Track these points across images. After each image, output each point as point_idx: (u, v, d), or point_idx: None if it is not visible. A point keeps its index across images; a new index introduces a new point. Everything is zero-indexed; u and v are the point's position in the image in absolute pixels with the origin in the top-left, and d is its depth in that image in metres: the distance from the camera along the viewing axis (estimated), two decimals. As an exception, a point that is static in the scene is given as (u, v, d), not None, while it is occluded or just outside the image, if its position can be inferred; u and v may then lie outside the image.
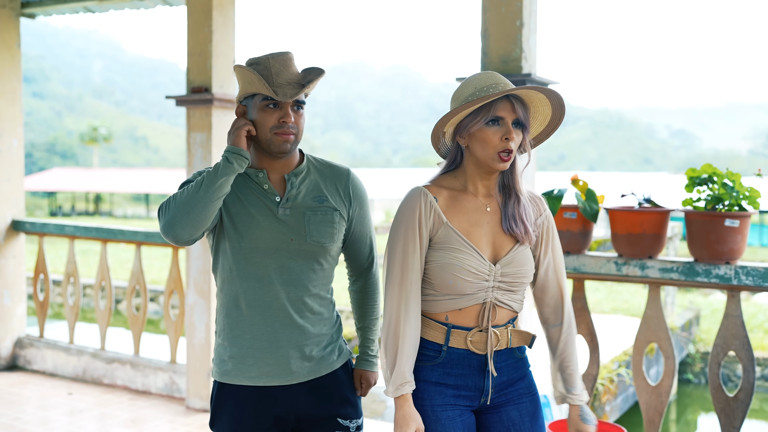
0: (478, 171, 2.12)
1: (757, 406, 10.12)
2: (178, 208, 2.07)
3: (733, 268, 3.51)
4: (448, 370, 2.11)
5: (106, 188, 45.45)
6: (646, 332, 3.85)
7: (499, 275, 2.09)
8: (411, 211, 2.09)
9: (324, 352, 2.25)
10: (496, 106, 2.04)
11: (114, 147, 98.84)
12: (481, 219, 2.13)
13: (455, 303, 2.09)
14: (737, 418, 3.64)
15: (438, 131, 2.15)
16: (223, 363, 2.23)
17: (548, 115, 2.17)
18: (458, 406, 2.12)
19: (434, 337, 2.11)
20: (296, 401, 2.21)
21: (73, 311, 6.05)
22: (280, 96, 2.10)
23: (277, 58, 2.16)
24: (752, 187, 3.54)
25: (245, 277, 2.18)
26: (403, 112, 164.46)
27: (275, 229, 2.17)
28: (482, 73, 2.12)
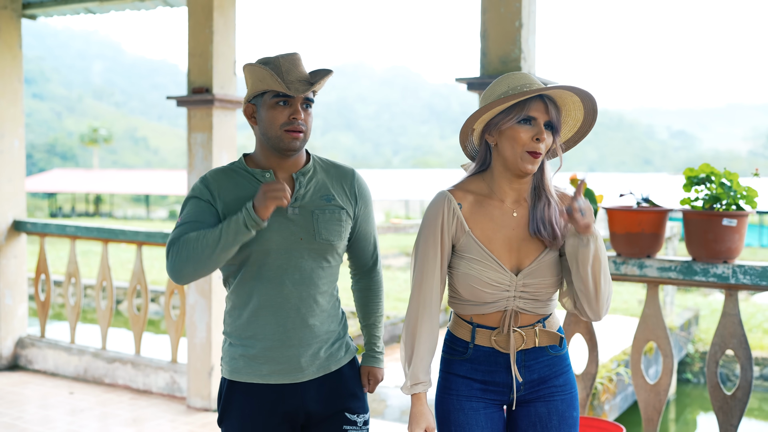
0: (506, 173, 2.10)
1: (755, 406, 10.14)
2: (187, 261, 2.08)
3: (730, 267, 3.54)
4: (476, 366, 2.14)
5: (106, 189, 45.47)
6: (644, 331, 3.87)
7: (521, 286, 2.08)
8: (434, 217, 2.10)
9: (332, 349, 2.29)
10: (530, 105, 2.03)
11: (114, 148, 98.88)
12: (507, 225, 2.10)
13: (477, 309, 2.11)
14: (735, 416, 3.67)
15: (468, 128, 2.14)
16: (234, 361, 2.25)
17: (579, 119, 2.15)
18: (484, 400, 2.15)
19: (462, 335, 2.16)
20: (306, 398, 2.24)
21: (74, 311, 6.08)
22: (292, 91, 2.13)
23: (286, 58, 2.20)
24: (749, 187, 3.56)
25: (257, 279, 2.20)
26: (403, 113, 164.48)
27: (285, 230, 2.19)
28: (516, 73, 2.11)
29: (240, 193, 2.20)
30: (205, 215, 2.17)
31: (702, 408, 10.00)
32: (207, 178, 2.24)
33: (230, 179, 2.23)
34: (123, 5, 6.05)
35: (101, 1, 5.97)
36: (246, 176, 2.24)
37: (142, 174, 50.46)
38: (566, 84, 2.04)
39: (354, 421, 2.31)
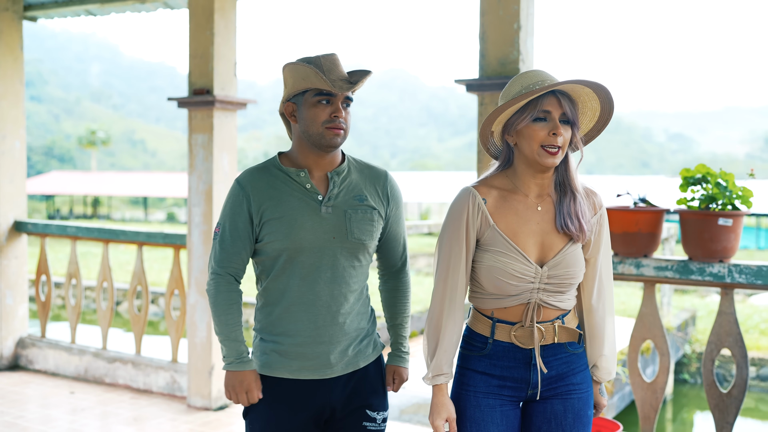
0: (529, 170, 2.12)
1: (752, 406, 10.19)
2: (211, 311, 2.34)
3: (726, 267, 3.58)
4: (494, 361, 2.16)
5: (104, 192, 45.48)
6: (641, 329, 3.91)
7: (546, 278, 2.10)
8: (459, 212, 2.13)
9: (360, 346, 2.33)
10: (542, 102, 2.05)
11: (112, 150, 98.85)
12: (531, 219, 2.13)
13: (500, 302, 2.13)
14: (731, 414, 3.71)
15: (485, 130, 2.17)
16: (265, 356, 2.29)
17: (597, 110, 2.16)
18: (502, 396, 2.16)
19: (481, 330, 2.17)
20: (333, 393, 2.28)
21: (74, 311, 6.11)
22: (337, 88, 2.18)
23: (327, 58, 2.24)
24: (745, 187, 3.60)
25: (290, 276, 2.25)
26: (401, 116, 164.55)
27: (319, 228, 2.24)
28: (530, 71, 2.13)
29: (273, 192, 2.26)
30: (235, 226, 2.28)
31: (699, 408, 10.05)
32: (242, 180, 2.30)
33: (264, 179, 2.28)
34: (123, 7, 6.09)
35: (102, 2, 6.01)
36: (280, 175, 2.29)
37: (140, 176, 50.46)
38: (576, 78, 2.06)
39: (374, 418, 2.35)
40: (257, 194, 2.25)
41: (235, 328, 2.29)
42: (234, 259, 2.28)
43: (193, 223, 5.10)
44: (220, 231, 2.30)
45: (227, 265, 2.29)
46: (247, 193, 2.26)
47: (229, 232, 2.28)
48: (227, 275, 2.29)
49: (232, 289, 2.30)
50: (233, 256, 2.28)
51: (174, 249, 5.53)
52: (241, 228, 2.26)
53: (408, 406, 5.49)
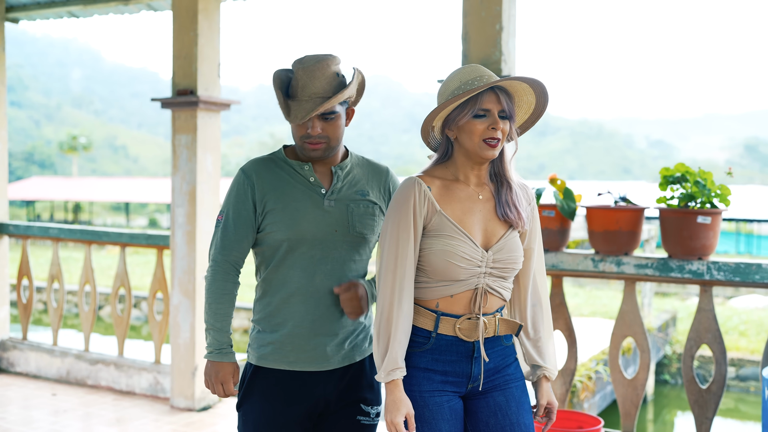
0: (468, 161, 2.18)
1: (732, 406, 10.29)
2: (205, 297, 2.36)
3: (705, 264, 3.63)
4: (436, 356, 2.16)
5: (85, 197, 45.16)
6: (622, 327, 3.96)
7: (491, 261, 2.15)
8: (405, 200, 2.14)
9: (357, 340, 2.35)
10: (482, 98, 2.11)
11: (93, 156, 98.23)
12: (474, 207, 2.19)
13: (448, 289, 2.14)
14: (710, 410, 3.76)
15: (427, 126, 2.22)
16: (262, 348, 2.31)
17: (532, 103, 2.24)
18: (446, 392, 2.17)
19: (424, 324, 2.17)
20: (328, 386, 2.31)
21: (57, 313, 6.08)
22: (291, 118, 2.22)
23: (307, 69, 2.24)
24: (723, 185, 3.66)
25: (290, 267, 2.28)
26: (384, 122, 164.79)
27: (321, 221, 2.27)
28: (466, 67, 2.19)
29: (277, 183, 2.29)
30: (239, 214, 2.30)
31: (679, 408, 10.14)
32: (246, 169, 2.33)
33: (269, 170, 2.32)
34: (106, 9, 6.08)
35: (85, 5, 6.00)
36: (285, 167, 2.32)
37: (121, 182, 50.16)
38: (514, 75, 2.15)
39: (368, 412, 2.37)
40: (261, 183, 2.29)
41: (222, 319, 2.31)
42: (236, 247, 2.31)
43: (176, 223, 5.10)
44: (223, 219, 2.33)
45: (228, 253, 2.31)
46: (252, 182, 2.29)
47: (233, 220, 2.30)
48: (227, 264, 2.32)
49: (229, 279, 2.32)
50: (235, 244, 2.30)
51: (157, 250, 5.52)
52: (245, 216, 2.29)
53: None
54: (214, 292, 2.31)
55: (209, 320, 2.31)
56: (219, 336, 2.30)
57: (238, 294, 2.42)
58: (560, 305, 4.06)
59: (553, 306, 4.05)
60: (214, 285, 2.31)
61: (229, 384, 2.30)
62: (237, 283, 2.35)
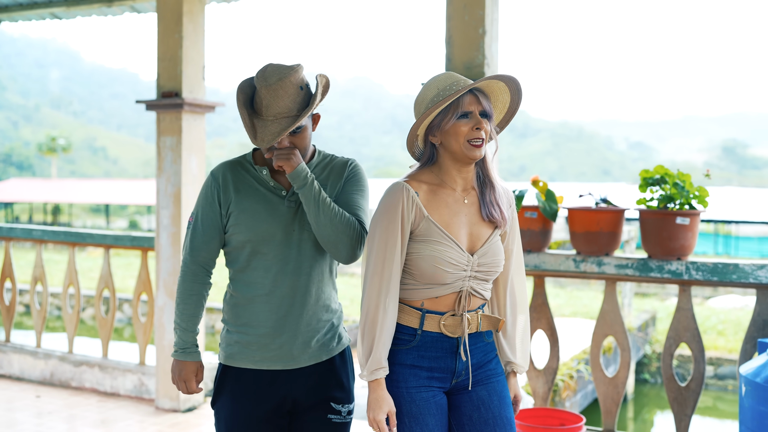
0: (455, 164, 2.24)
1: (710, 404, 10.43)
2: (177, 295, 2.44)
3: (684, 264, 3.71)
4: (422, 353, 2.22)
5: (64, 199, 44.82)
6: (603, 326, 4.03)
7: (476, 265, 2.21)
8: (393, 205, 2.19)
9: (324, 339, 2.38)
10: (463, 101, 2.18)
11: (72, 158, 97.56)
12: (460, 211, 2.24)
13: (433, 291, 2.20)
14: (689, 407, 3.84)
15: (413, 136, 2.28)
16: (230, 347, 2.36)
17: (507, 101, 2.31)
18: (432, 388, 2.23)
19: (409, 322, 2.22)
20: (295, 385, 2.34)
21: (40, 315, 6.06)
22: (258, 142, 2.22)
23: (270, 88, 2.22)
24: (701, 187, 3.74)
25: (254, 268, 2.31)
26: (365, 124, 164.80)
27: (280, 221, 2.30)
28: (441, 75, 2.26)
29: (241, 186, 2.34)
30: (206, 216, 2.37)
31: (659, 407, 10.27)
32: (215, 172, 2.39)
33: (235, 172, 2.37)
34: (90, 10, 6.08)
35: (68, 6, 6.00)
36: (250, 170, 2.37)
37: (101, 183, 49.82)
38: (491, 75, 2.24)
39: (338, 411, 2.39)
40: (226, 186, 2.34)
41: (189, 319, 2.38)
42: (204, 249, 2.37)
43: (161, 225, 5.11)
44: (193, 221, 2.39)
45: (197, 254, 2.37)
46: (218, 185, 2.35)
47: (201, 222, 2.37)
48: (195, 265, 2.38)
49: (197, 281, 2.39)
50: (203, 246, 2.37)
51: (142, 252, 5.53)
52: (212, 218, 2.35)
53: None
54: (182, 293, 2.39)
55: (176, 320, 2.40)
56: (184, 335, 2.38)
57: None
58: (542, 305, 4.13)
59: (535, 306, 4.12)
60: (182, 286, 2.39)
61: (192, 382, 2.39)
62: (207, 284, 2.41)
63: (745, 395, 3.02)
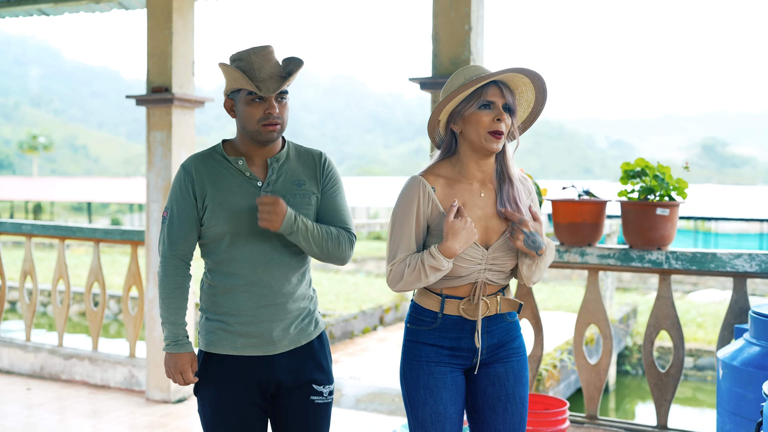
0: (473, 155, 2.30)
1: (690, 395, 10.62)
2: (159, 291, 2.47)
3: (664, 254, 3.83)
4: (443, 333, 2.33)
5: (46, 197, 44.50)
6: (585, 315, 4.15)
7: (491, 259, 2.30)
8: (410, 200, 2.28)
9: (302, 324, 2.46)
10: (487, 91, 2.24)
11: (53, 156, 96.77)
12: (476, 206, 2.31)
13: (450, 282, 2.30)
14: (669, 392, 3.96)
15: (434, 120, 2.35)
16: (210, 334, 2.42)
17: (531, 101, 2.37)
18: (451, 365, 2.34)
19: (430, 306, 2.33)
20: (276, 369, 2.41)
21: (29, 309, 6.10)
22: (264, 91, 2.29)
23: (258, 53, 2.34)
24: (680, 179, 3.86)
25: (232, 260, 2.37)
26: (347, 122, 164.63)
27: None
28: (470, 66, 2.33)
29: (215, 178, 2.38)
30: (182, 210, 2.39)
31: (640, 398, 10.44)
32: (186, 165, 2.42)
33: (207, 164, 2.41)
34: (78, 7, 6.11)
35: (56, 3, 6.02)
36: (222, 162, 2.40)
37: (83, 182, 49.50)
38: (516, 66, 2.26)
39: (320, 392, 2.48)
40: (200, 179, 2.38)
41: (177, 312, 2.42)
42: (182, 242, 2.41)
43: (151, 218, 5.18)
44: (168, 215, 2.42)
45: (175, 248, 2.41)
46: (192, 178, 2.38)
47: (177, 216, 2.40)
48: (175, 258, 2.42)
49: (179, 274, 2.43)
50: (181, 239, 2.40)
51: (131, 245, 5.58)
52: (188, 211, 2.39)
53: (364, 395, 5.65)
54: (166, 287, 2.41)
55: (164, 314, 2.42)
56: (174, 329, 2.42)
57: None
58: (527, 295, 4.23)
59: (520, 296, 4.22)
60: (165, 280, 2.41)
61: (188, 373, 2.43)
62: (188, 276, 2.46)
63: (723, 378, 3.14)
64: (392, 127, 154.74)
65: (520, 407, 2.39)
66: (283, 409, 2.45)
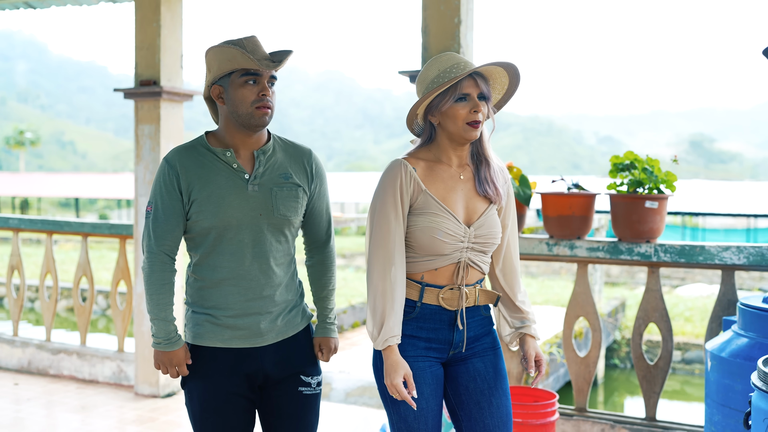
0: (451, 143, 2.34)
1: (678, 388, 10.68)
2: (144, 286, 2.43)
3: (652, 246, 3.84)
4: (421, 324, 2.33)
5: (33, 193, 44.27)
6: (575, 307, 4.16)
7: (473, 237, 2.31)
8: (392, 181, 2.29)
9: (289, 316, 2.45)
10: (462, 84, 2.27)
11: (40, 152, 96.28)
12: (456, 186, 2.34)
13: (432, 263, 2.30)
14: (657, 384, 3.98)
15: (412, 115, 2.38)
16: (197, 327, 2.39)
17: (506, 84, 2.40)
18: (429, 358, 2.34)
19: (410, 295, 2.33)
20: (264, 361, 2.40)
21: (17, 304, 6.06)
22: (263, 66, 2.28)
23: (249, 40, 2.34)
24: (669, 172, 3.88)
25: (218, 253, 2.35)
26: (336, 118, 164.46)
27: (246, 206, 2.34)
28: (443, 55, 2.34)
29: (201, 171, 2.34)
30: (167, 204, 2.35)
31: (628, 391, 10.49)
32: (170, 159, 2.38)
33: (192, 158, 2.37)
34: (65, 0, 6.07)
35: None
36: (207, 155, 2.37)
37: (70, 177, 49.27)
38: (489, 61, 2.30)
39: (308, 383, 2.48)
40: (185, 173, 2.33)
41: (166, 308, 2.38)
42: (168, 237, 2.36)
43: (140, 212, 5.15)
44: (152, 210, 2.37)
45: (161, 243, 2.36)
46: (177, 172, 2.34)
47: (162, 210, 2.35)
48: (161, 254, 2.37)
49: (166, 269, 2.38)
50: (167, 234, 2.36)
51: (120, 240, 5.56)
52: (173, 206, 2.34)
53: (353, 389, 5.65)
54: (153, 283, 2.36)
55: (153, 311, 2.37)
56: (165, 326, 2.38)
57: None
58: (517, 288, 4.23)
59: (509, 288, 4.23)
60: (153, 276, 2.36)
61: (183, 366, 2.40)
62: (174, 271, 2.42)
63: (711, 369, 3.15)
64: (381, 123, 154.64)
65: (505, 400, 2.39)
66: (271, 401, 2.45)
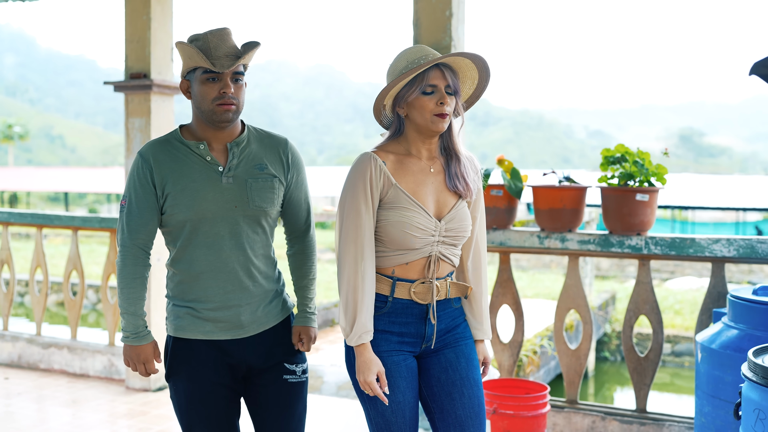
0: (420, 136, 2.33)
1: (668, 381, 10.75)
2: (117, 281, 2.42)
3: (643, 239, 3.86)
4: (393, 318, 2.32)
5: (22, 187, 44.05)
6: (566, 300, 4.17)
7: (444, 230, 2.31)
8: (362, 174, 2.27)
9: (270, 307, 2.45)
10: (429, 75, 2.26)
11: (29, 146, 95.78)
12: (426, 179, 2.33)
13: (403, 257, 2.30)
14: (648, 376, 4.00)
15: (378, 105, 2.36)
16: (179, 320, 2.39)
17: (476, 78, 2.39)
18: (402, 352, 2.34)
19: (381, 289, 2.32)
20: (247, 351, 2.41)
21: (7, 298, 6.04)
22: (218, 67, 2.27)
23: (215, 34, 2.33)
24: (660, 164, 3.89)
25: (195, 246, 2.35)
26: (327, 112, 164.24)
27: (220, 198, 2.34)
28: (412, 47, 2.33)
29: (175, 165, 2.34)
30: (141, 198, 2.36)
31: (619, 384, 10.55)
32: (144, 153, 2.37)
33: (165, 151, 2.36)
34: (55, -8, 6.03)
35: (32, -12, 5.95)
36: (181, 148, 2.37)
37: (59, 172, 49.03)
38: (456, 51, 2.29)
39: (293, 371, 2.48)
40: (159, 166, 2.33)
41: (136, 303, 2.38)
42: (142, 231, 2.36)
43: (130, 206, 5.13)
44: (126, 204, 2.37)
45: (135, 237, 2.36)
46: (150, 166, 2.34)
47: (136, 205, 2.35)
48: (135, 248, 2.37)
49: (139, 263, 2.38)
50: (141, 228, 2.36)
51: (110, 233, 5.54)
52: (147, 200, 2.34)
53: (345, 382, 5.66)
54: (125, 277, 2.37)
55: (123, 305, 2.37)
56: (134, 320, 2.38)
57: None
58: (507, 281, 4.25)
59: (500, 281, 4.24)
60: (125, 270, 2.37)
61: (151, 363, 2.40)
62: (147, 266, 2.42)
63: (701, 361, 3.17)
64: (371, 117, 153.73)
65: (476, 390, 2.39)
66: (257, 391, 2.45)
